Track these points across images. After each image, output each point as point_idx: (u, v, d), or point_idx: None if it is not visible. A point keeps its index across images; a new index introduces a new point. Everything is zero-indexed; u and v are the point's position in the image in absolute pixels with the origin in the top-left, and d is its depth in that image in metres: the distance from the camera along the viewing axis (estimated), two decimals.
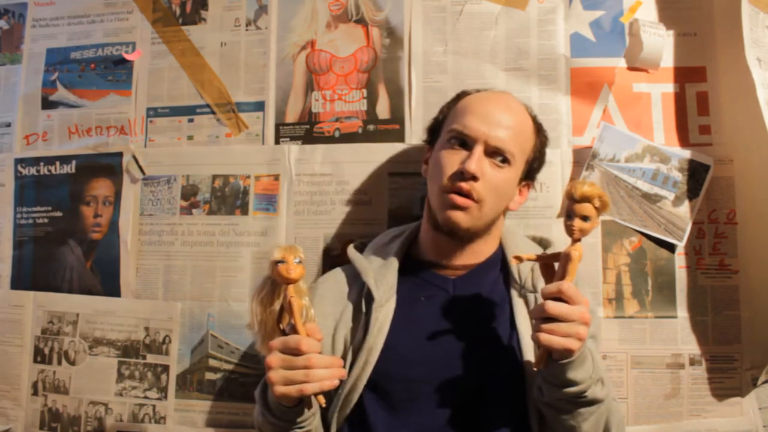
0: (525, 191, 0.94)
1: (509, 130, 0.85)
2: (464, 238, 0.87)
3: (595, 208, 0.71)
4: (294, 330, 0.73)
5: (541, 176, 1.05)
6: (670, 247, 1.08)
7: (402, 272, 0.90)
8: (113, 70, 1.23)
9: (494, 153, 0.84)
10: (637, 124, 1.10)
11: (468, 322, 0.85)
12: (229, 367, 1.13)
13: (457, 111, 0.89)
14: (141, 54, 1.22)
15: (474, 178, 0.82)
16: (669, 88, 1.11)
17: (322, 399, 0.74)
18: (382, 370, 0.83)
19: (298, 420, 0.77)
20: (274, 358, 0.72)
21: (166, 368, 1.14)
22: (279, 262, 0.70)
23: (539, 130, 0.93)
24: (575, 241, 0.73)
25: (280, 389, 0.71)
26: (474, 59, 1.13)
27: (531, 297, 0.86)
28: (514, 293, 0.87)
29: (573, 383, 0.72)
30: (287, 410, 0.76)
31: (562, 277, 0.72)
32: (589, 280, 1.07)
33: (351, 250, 0.96)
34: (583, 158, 1.09)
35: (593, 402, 0.75)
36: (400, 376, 0.83)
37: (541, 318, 0.70)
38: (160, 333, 1.15)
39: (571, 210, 0.72)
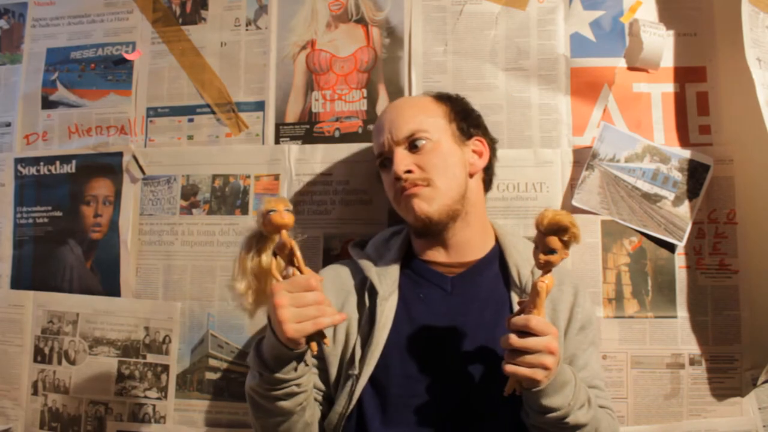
0: (480, 148, 0.94)
1: (406, 115, 0.90)
2: (441, 227, 0.88)
3: (562, 241, 0.70)
4: (298, 271, 0.74)
5: (541, 176, 1.09)
6: (670, 247, 1.09)
7: (402, 269, 0.91)
8: (113, 70, 1.24)
9: (411, 143, 0.89)
10: (637, 124, 1.11)
11: (465, 320, 0.86)
12: (229, 366, 1.14)
13: (374, 144, 0.96)
14: (141, 54, 1.23)
15: (407, 171, 0.87)
16: (669, 88, 1.12)
17: (328, 340, 0.75)
18: (382, 364, 0.84)
19: (294, 376, 0.76)
20: (284, 298, 0.71)
21: (166, 368, 1.15)
22: (270, 211, 0.73)
23: (439, 97, 0.95)
24: (545, 272, 0.73)
25: (292, 327, 0.70)
26: (474, 59, 1.14)
27: None
28: (514, 296, 0.88)
29: (551, 410, 0.74)
30: (285, 360, 0.74)
31: (533, 309, 0.73)
32: (589, 280, 1.08)
33: (352, 247, 0.98)
34: (583, 158, 1.10)
35: (576, 427, 0.76)
36: (399, 372, 0.84)
37: (509, 349, 0.73)
38: (160, 333, 1.16)
39: (538, 241, 0.72)
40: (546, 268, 0.72)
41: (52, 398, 1.19)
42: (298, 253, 0.74)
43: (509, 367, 0.72)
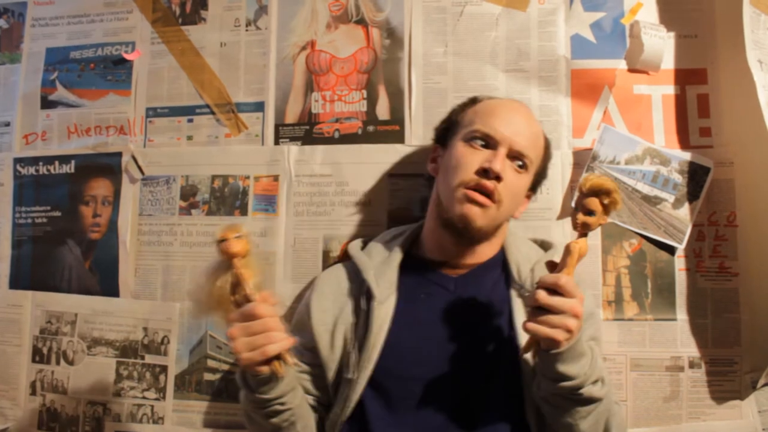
0: (527, 201, 0.98)
1: (529, 138, 0.89)
2: (473, 237, 0.88)
3: (603, 204, 0.71)
4: (247, 300, 0.75)
5: None
6: (670, 250, 1.09)
7: (403, 270, 0.91)
8: (113, 70, 1.24)
9: (515, 158, 0.88)
10: (638, 126, 1.11)
11: (468, 321, 0.87)
12: (228, 367, 1.13)
13: (479, 113, 0.91)
14: (140, 54, 1.23)
15: (498, 177, 0.85)
16: (669, 90, 1.12)
17: (289, 359, 0.75)
18: (383, 367, 0.84)
19: (275, 395, 0.77)
20: (235, 329, 0.73)
21: (164, 368, 1.15)
22: (221, 241, 0.74)
23: (548, 145, 0.97)
24: (581, 235, 0.73)
25: (245, 356, 0.72)
26: (474, 60, 1.15)
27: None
28: (513, 294, 0.88)
29: (566, 377, 0.73)
30: (260, 382, 0.76)
31: (563, 269, 0.73)
32: (589, 282, 1.08)
33: (351, 247, 0.98)
34: (583, 160, 1.10)
35: (590, 400, 0.76)
36: (400, 374, 0.84)
37: (533, 307, 0.73)
38: (159, 333, 1.16)
39: (578, 203, 0.73)
40: (582, 230, 0.73)
41: (50, 398, 1.19)
42: (246, 282, 0.74)
43: (530, 325, 0.71)
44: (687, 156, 1.10)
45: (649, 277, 1.09)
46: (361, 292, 0.89)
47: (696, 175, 1.10)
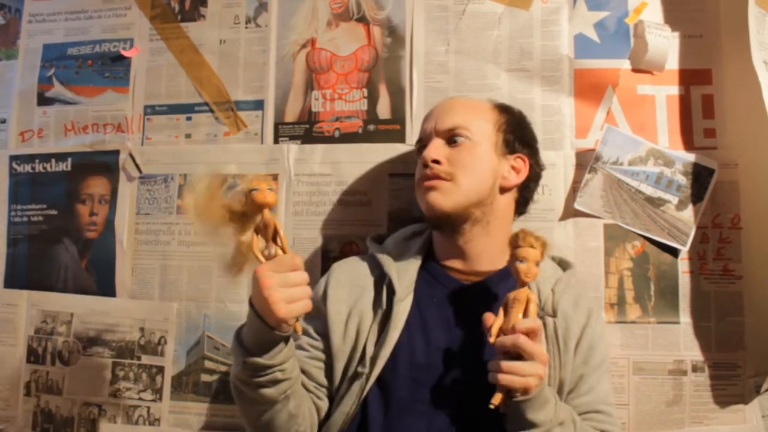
0: (520, 166, 0.94)
1: (457, 112, 0.92)
2: (452, 224, 0.89)
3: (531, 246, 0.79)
4: (272, 253, 0.74)
5: (543, 179, 1.06)
6: (674, 252, 1.09)
7: (419, 270, 0.92)
8: (110, 67, 1.24)
9: (450, 137, 0.90)
10: (641, 127, 1.11)
11: (478, 330, 0.84)
12: (225, 369, 1.13)
13: (419, 131, 0.98)
14: (139, 51, 1.23)
15: (435, 161, 0.88)
16: (674, 90, 1.12)
17: (299, 326, 0.75)
18: (390, 365, 0.84)
19: (278, 361, 0.75)
20: (271, 278, 0.70)
21: (161, 369, 1.15)
22: (253, 189, 0.72)
23: (499, 106, 0.97)
24: (528, 282, 0.79)
25: (284, 307, 0.70)
26: (476, 59, 1.15)
27: (549, 321, 0.87)
28: None
29: (533, 425, 0.75)
30: (271, 342, 0.74)
31: (524, 317, 0.77)
32: (591, 284, 1.09)
33: (370, 242, 0.98)
34: (585, 161, 1.10)
35: None
36: (406, 375, 0.84)
37: (504, 353, 0.74)
38: (156, 334, 1.16)
39: (521, 256, 0.79)
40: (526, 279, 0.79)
41: (45, 399, 1.19)
42: (282, 232, 0.74)
43: (504, 377, 0.73)
44: (691, 157, 1.10)
45: (652, 279, 1.09)
46: (381, 286, 0.89)
47: (700, 176, 1.09)
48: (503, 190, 0.93)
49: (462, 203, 0.88)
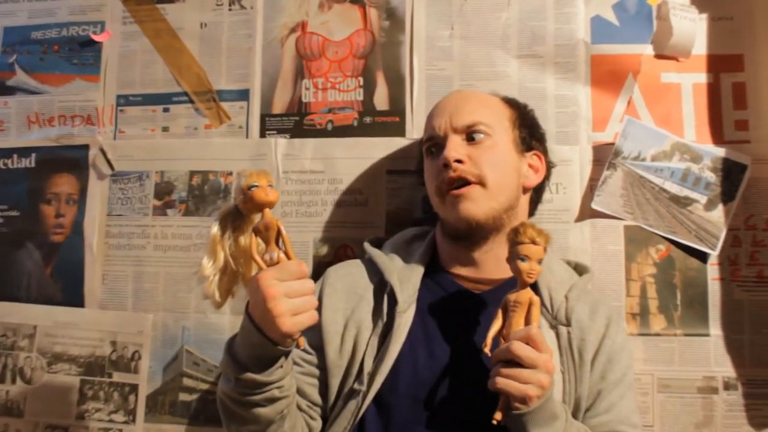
0: (537, 164, 0.95)
1: (472, 107, 0.90)
2: (486, 232, 0.87)
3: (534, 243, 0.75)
4: (275, 258, 0.71)
5: (557, 176, 1.05)
6: (702, 257, 1.06)
7: (423, 277, 0.89)
8: (79, 53, 1.21)
9: (469, 134, 0.88)
10: (666, 119, 1.08)
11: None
12: (206, 387, 1.11)
13: (426, 123, 0.96)
14: (111, 35, 1.21)
15: (458, 161, 0.86)
16: (701, 78, 1.09)
17: (303, 340, 0.72)
18: (390, 382, 0.82)
19: (277, 377, 0.72)
20: (276, 287, 0.67)
21: (134, 388, 1.12)
22: (252, 186, 0.70)
23: (509, 101, 0.96)
24: (525, 285, 0.76)
25: (289, 321, 0.67)
26: (483, 45, 1.12)
27: (563, 331, 0.84)
28: (544, 323, 0.84)
29: None
30: (272, 358, 0.71)
31: (526, 323, 0.74)
32: (611, 292, 1.05)
33: (368, 245, 0.96)
34: (604, 156, 1.07)
35: None
36: (407, 393, 0.82)
37: (504, 361, 0.72)
38: (129, 348, 1.13)
39: (522, 254, 0.75)
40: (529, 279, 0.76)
41: (4, 422, 1.15)
42: (285, 234, 0.71)
43: (500, 380, 0.71)
44: (721, 152, 1.06)
45: (678, 287, 1.05)
46: (381, 295, 0.87)
47: (731, 173, 1.06)
48: (524, 190, 0.93)
49: (496, 209, 0.87)
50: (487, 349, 0.74)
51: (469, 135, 0.88)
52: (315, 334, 0.85)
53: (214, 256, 0.73)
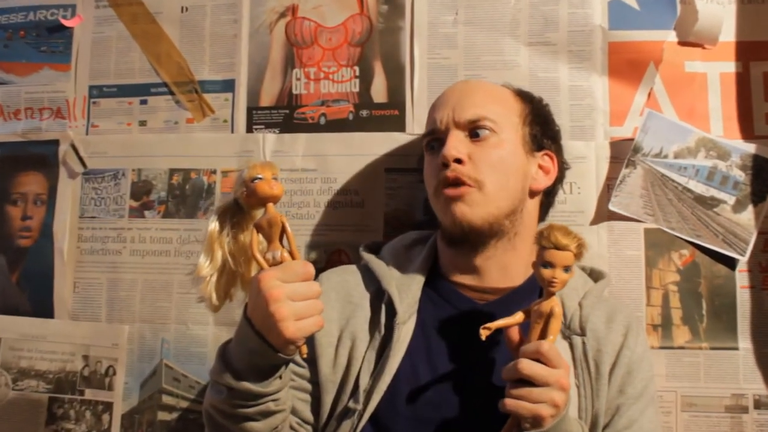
0: (549, 165, 0.92)
1: (477, 98, 0.88)
2: (482, 238, 0.84)
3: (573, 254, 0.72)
4: (278, 257, 0.70)
5: (571, 174, 1.01)
6: (730, 263, 1.03)
7: (423, 288, 0.88)
8: (48, 39, 1.19)
9: (473, 130, 0.86)
10: (690, 112, 1.05)
11: (494, 359, 0.81)
12: (187, 405, 1.09)
13: (428, 115, 0.94)
14: (82, 20, 1.19)
15: (457, 160, 0.83)
16: (729, 67, 1.05)
17: (305, 348, 0.71)
18: (388, 400, 0.80)
19: (274, 389, 0.71)
20: (280, 289, 0.66)
21: (108, 406, 1.10)
22: (256, 178, 0.69)
23: (522, 94, 0.93)
24: (551, 294, 0.73)
25: (292, 326, 0.65)
26: (490, 31, 1.09)
27: (577, 341, 0.82)
28: None
29: None
30: (275, 364, 0.69)
31: (542, 336, 0.72)
32: (630, 301, 1.02)
33: (364, 251, 0.94)
34: (622, 153, 1.04)
35: None
36: (407, 413, 0.80)
37: (513, 380, 0.70)
38: (103, 363, 1.12)
39: (547, 259, 0.72)
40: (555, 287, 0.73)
41: None
42: (290, 232, 0.70)
43: (510, 402, 0.68)
44: (750, 148, 1.03)
45: (704, 296, 1.02)
46: (379, 304, 0.85)
47: (762, 171, 1.03)
48: (532, 193, 0.89)
49: (494, 214, 0.84)
50: (483, 333, 0.72)
51: (473, 131, 0.85)
52: (307, 347, 0.81)
53: (212, 254, 0.72)
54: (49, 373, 1.11)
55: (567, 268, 0.70)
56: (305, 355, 0.72)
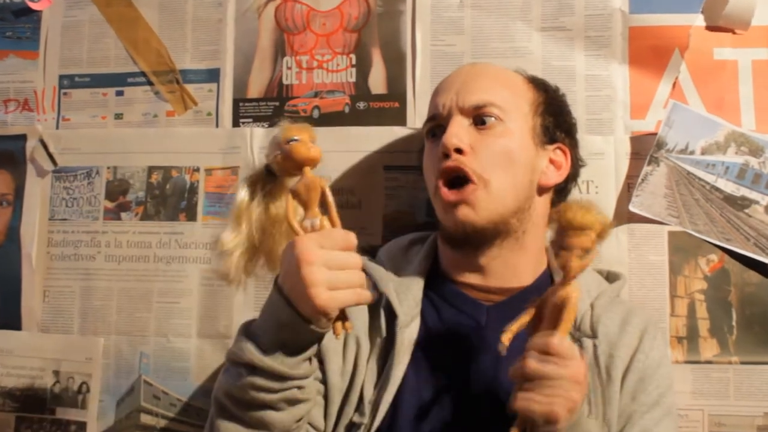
0: (561, 159, 0.90)
1: (484, 82, 0.86)
2: (488, 241, 0.83)
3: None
4: (316, 225, 0.68)
5: (588, 172, 0.99)
6: (763, 269, 1.00)
7: (423, 289, 0.87)
8: (13, 24, 1.17)
9: (478, 116, 0.83)
10: (719, 103, 1.03)
11: (502, 364, 0.78)
12: (168, 424, 1.07)
13: (429, 104, 0.92)
14: (52, 2, 1.17)
15: (458, 150, 0.81)
16: (762, 54, 1.03)
17: (350, 325, 0.68)
18: (393, 414, 0.79)
19: (302, 373, 0.68)
20: (315, 253, 0.63)
21: (82, 426, 1.09)
22: (292, 140, 0.67)
23: (535, 81, 0.91)
24: (570, 279, 0.69)
25: (324, 293, 0.62)
26: (500, 15, 1.07)
27: (588, 343, 0.80)
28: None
29: None
30: (305, 340, 0.66)
31: (554, 327, 0.68)
32: (653, 311, 0.99)
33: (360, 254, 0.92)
34: (644, 148, 1.02)
35: None
36: (411, 423, 0.79)
37: (522, 378, 0.68)
38: (75, 379, 1.10)
39: (564, 241, 0.69)
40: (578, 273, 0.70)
41: None
42: (331, 198, 0.68)
43: (520, 403, 0.65)
44: None
45: (734, 305, 1.00)
46: (378, 309, 0.84)
47: None
48: (541, 190, 0.87)
49: (499, 212, 0.81)
50: (503, 344, 0.69)
51: (478, 117, 0.83)
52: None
53: (239, 226, 0.70)
54: (16, 390, 1.10)
55: (587, 251, 0.67)
56: (349, 330, 0.69)
